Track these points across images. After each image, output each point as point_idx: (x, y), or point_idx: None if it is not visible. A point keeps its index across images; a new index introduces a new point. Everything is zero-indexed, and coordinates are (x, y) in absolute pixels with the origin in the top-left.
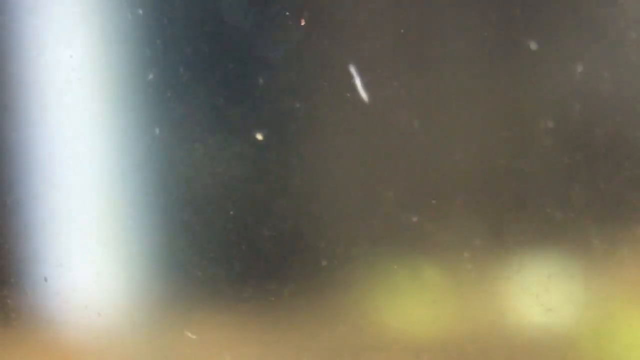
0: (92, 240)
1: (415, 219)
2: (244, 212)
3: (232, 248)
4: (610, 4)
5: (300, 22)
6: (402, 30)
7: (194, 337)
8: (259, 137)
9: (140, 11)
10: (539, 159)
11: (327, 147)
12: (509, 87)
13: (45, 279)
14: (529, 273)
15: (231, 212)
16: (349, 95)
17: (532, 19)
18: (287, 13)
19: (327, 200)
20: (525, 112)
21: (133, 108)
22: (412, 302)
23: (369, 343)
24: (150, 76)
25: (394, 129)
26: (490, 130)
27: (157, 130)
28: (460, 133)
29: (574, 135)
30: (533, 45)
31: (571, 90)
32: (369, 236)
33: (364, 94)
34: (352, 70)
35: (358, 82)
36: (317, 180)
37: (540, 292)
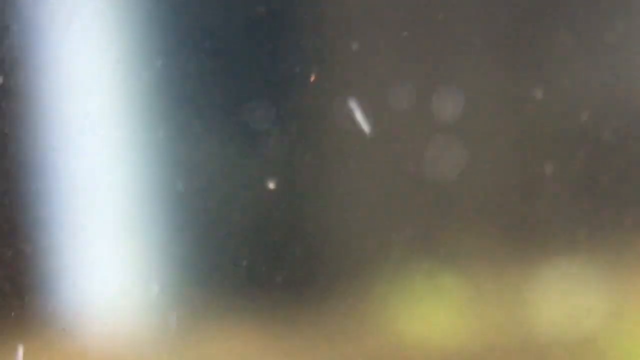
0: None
1: (426, 264)
2: (258, 260)
3: (244, 296)
4: (616, 50)
5: (310, 79)
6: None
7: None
8: (271, 185)
9: (159, 64)
10: (545, 203)
11: (336, 193)
12: (514, 133)
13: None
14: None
15: (244, 263)
16: (357, 145)
17: (538, 67)
18: (297, 69)
19: (339, 244)
20: (531, 158)
21: (150, 162)
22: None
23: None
24: (164, 130)
25: (404, 173)
26: (497, 174)
27: (180, 185)
28: (466, 178)
29: (579, 181)
30: (539, 94)
31: (576, 137)
32: (383, 280)
33: (366, 128)
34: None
35: (359, 118)
36: (328, 225)
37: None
